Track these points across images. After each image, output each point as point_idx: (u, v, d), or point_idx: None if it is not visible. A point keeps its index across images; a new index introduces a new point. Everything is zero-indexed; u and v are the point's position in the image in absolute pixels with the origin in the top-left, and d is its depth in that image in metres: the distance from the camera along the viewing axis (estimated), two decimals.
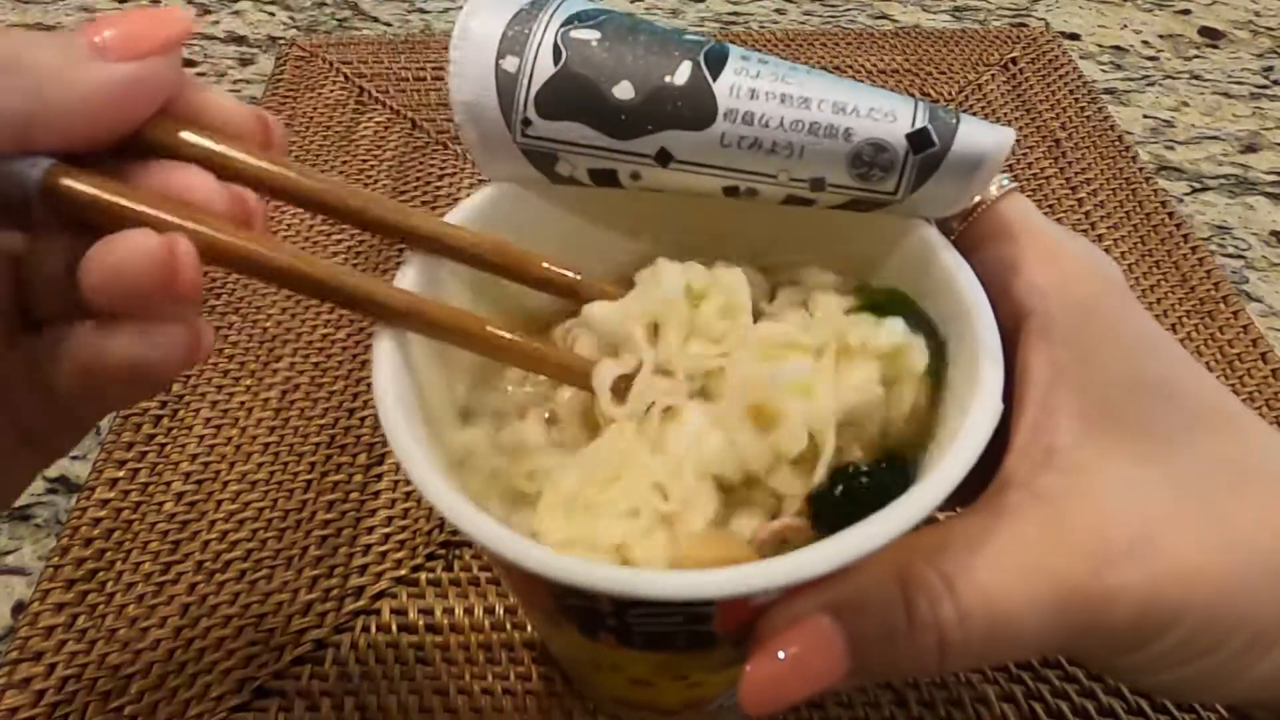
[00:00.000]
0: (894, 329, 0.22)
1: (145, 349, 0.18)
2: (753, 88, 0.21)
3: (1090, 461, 0.20)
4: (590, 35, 0.22)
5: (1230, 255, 0.48)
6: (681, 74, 0.21)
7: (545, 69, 0.22)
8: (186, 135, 0.19)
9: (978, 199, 0.23)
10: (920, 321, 0.23)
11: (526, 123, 0.22)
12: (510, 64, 0.22)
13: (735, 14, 0.65)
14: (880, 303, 0.23)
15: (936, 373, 0.22)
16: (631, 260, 0.25)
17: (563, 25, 0.22)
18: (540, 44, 0.22)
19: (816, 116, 0.21)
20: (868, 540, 0.18)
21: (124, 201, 0.18)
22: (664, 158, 0.22)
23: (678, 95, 0.21)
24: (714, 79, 0.21)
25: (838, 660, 0.18)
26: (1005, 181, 0.23)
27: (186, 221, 0.18)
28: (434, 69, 0.57)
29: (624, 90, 0.21)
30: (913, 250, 0.23)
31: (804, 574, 0.17)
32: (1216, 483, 0.20)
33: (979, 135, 0.21)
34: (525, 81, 0.22)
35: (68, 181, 0.18)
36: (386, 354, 0.21)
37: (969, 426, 0.19)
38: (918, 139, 0.21)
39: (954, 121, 0.21)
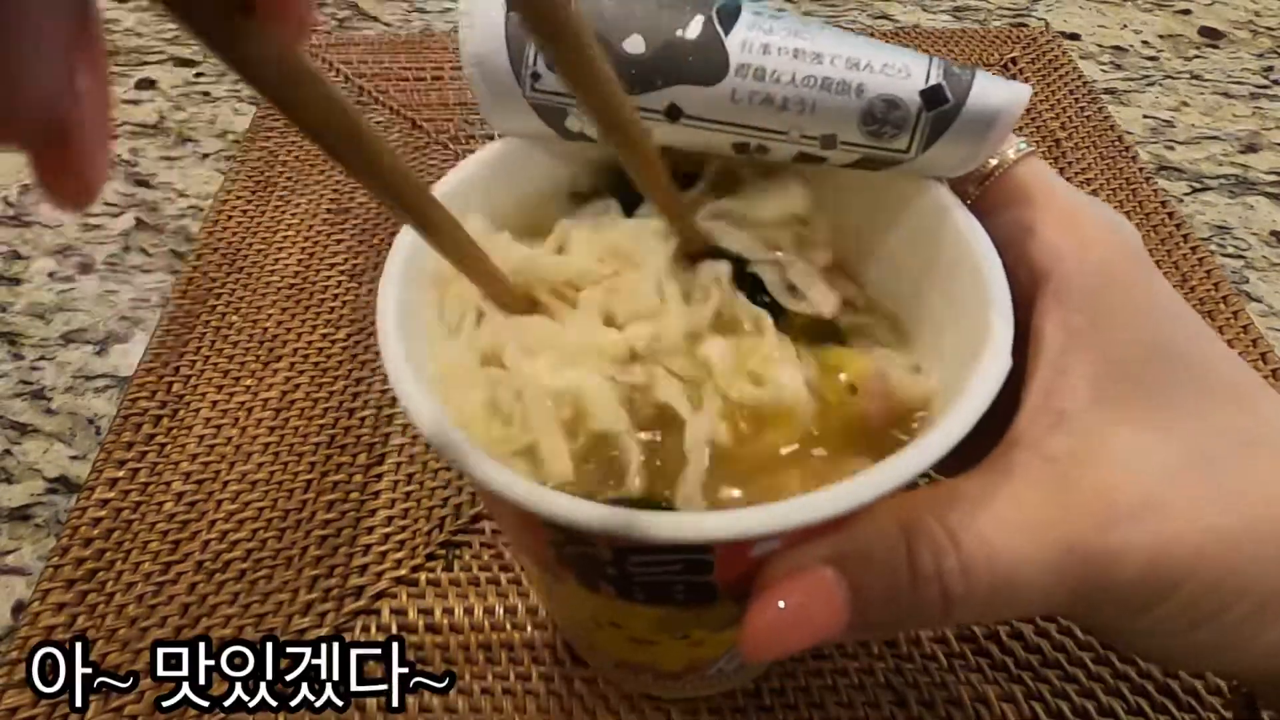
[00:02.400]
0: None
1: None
2: (765, 43, 0.21)
3: (1100, 425, 0.20)
4: None
5: (1230, 255, 0.48)
6: (694, 28, 0.21)
7: None
8: None
9: (994, 162, 0.22)
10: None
11: (536, 76, 0.22)
12: None
13: None
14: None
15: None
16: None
17: None
18: None
19: (829, 72, 0.21)
20: (869, 488, 0.17)
21: None
22: (673, 113, 0.22)
23: (689, 50, 0.21)
24: (726, 34, 0.21)
25: (839, 611, 0.18)
26: (1023, 146, 0.23)
27: None
28: (434, 69, 0.57)
29: (635, 44, 0.21)
30: (925, 210, 0.23)
31: (803, 518, 0.17)
32: (1227, 451, 0.20)
33: (993, 91, 0.20)
34: None
35: None
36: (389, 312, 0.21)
37: (976, 381, 0.19)
38: (931, 95, 0.20)
39: (968, 77, 0.21)
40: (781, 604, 0.18)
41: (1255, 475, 0.20)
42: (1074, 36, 0.63)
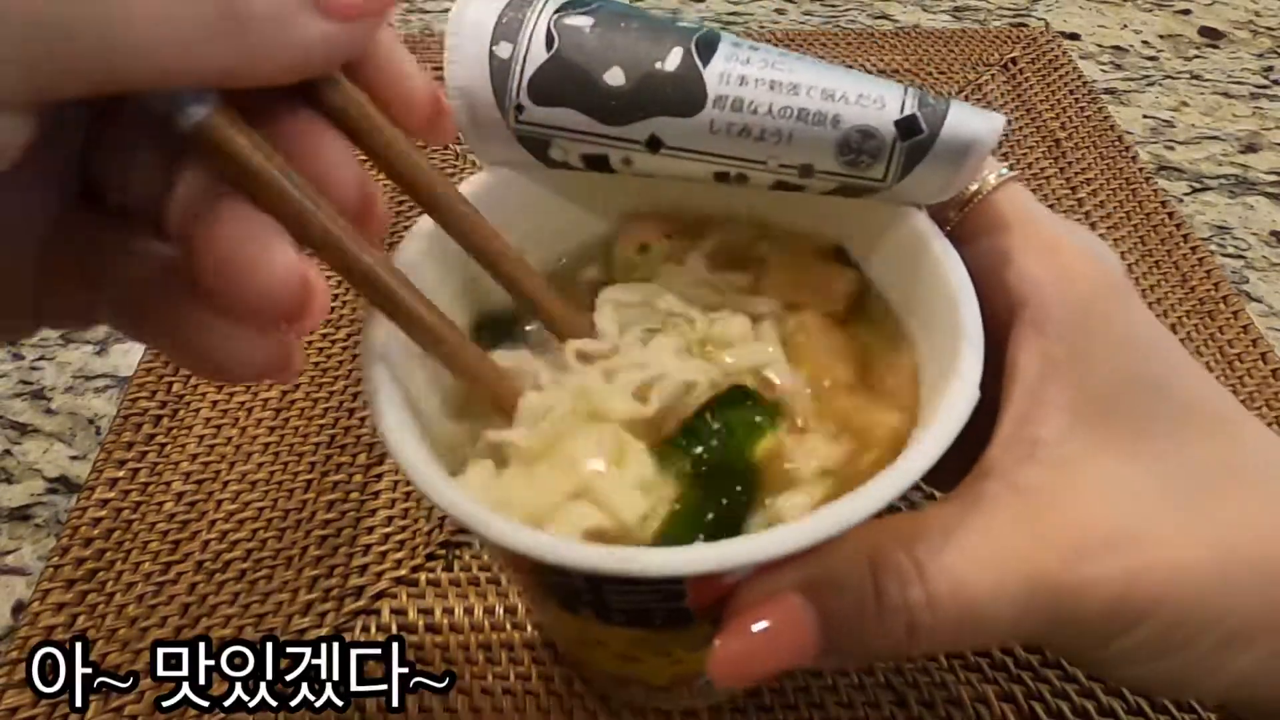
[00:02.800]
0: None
1: (235, 349, 0.17)
2: (743, 74, 0.21)
3: (1075, 456, 0.20)
4: (583, 22, 0.22)
5: (1230, 255, 0.48)
6: (672, 60, 0.21)
7: (538, 55, 0.22)
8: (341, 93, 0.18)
9: (975, 188, 0.23)
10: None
11: (519, 109, 0.22)
12: (504, 50, 0.22)
13: (735, 14, 0.65)
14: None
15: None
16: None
17: (556, 12, 0.22)
18: (534, 30, 0.22)
19: (805, 103, 0.21)
20: (836, 521, 0.18)
21: (264, 171, 0.16)
22: (654, 144, 0.22)
23: (668, 82, 0.21)
24: (704, 65, 0.21)
25: (807, 637, 0.18)
26: (1004, 171, 0.23)
27: (314, 219, 0.17)
28: (434, 69, 0.57)
29: (615, 76, 0.21)
30: (903, 238, 0.23)
31: (772, 552, 0.17)
32: (1202, 481, 0.20)
33: (968, 121, 0.21)
34: (518, 68, 0.22)
35: (223, 133, 0.16)
36: (378, 342, 0.21)
37: (944, 413, 0.19)
38: (906, 125, 0.21)
39: (943, 108, 0.21)
40: (752, 629, 0.18)
41: (1228, 505, 0.20)
42: (1074, 36, 0.63)
